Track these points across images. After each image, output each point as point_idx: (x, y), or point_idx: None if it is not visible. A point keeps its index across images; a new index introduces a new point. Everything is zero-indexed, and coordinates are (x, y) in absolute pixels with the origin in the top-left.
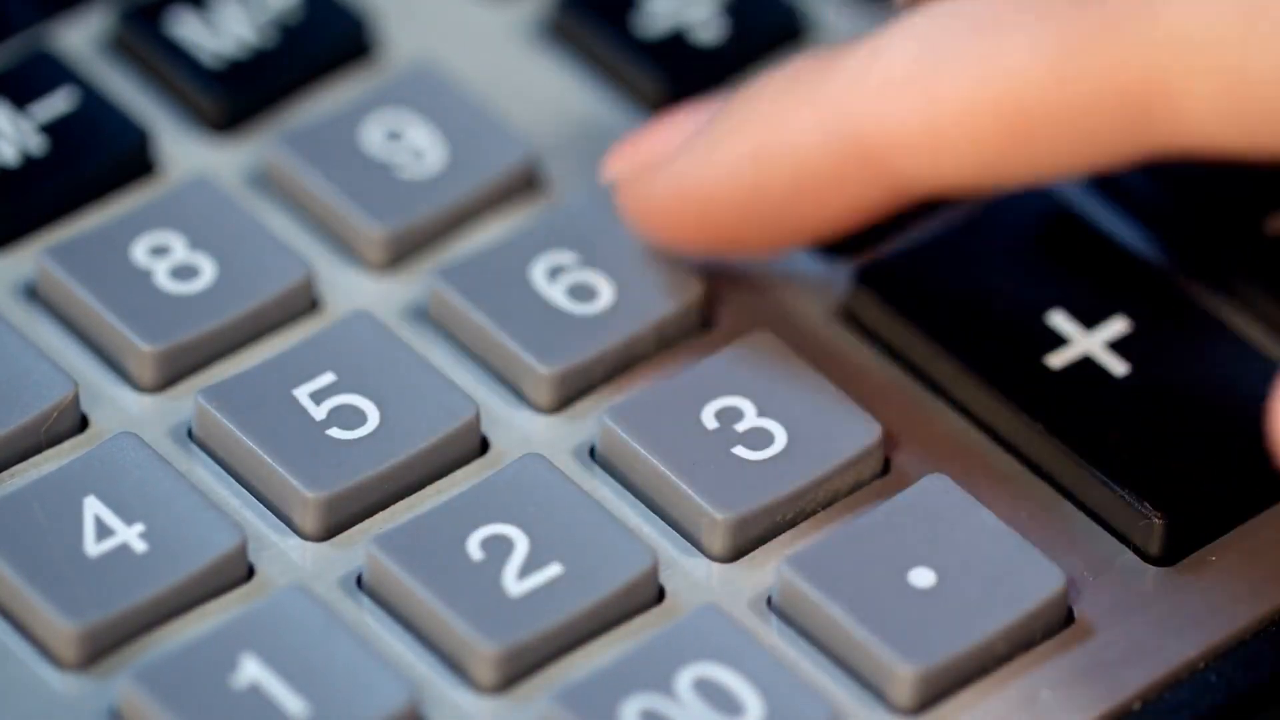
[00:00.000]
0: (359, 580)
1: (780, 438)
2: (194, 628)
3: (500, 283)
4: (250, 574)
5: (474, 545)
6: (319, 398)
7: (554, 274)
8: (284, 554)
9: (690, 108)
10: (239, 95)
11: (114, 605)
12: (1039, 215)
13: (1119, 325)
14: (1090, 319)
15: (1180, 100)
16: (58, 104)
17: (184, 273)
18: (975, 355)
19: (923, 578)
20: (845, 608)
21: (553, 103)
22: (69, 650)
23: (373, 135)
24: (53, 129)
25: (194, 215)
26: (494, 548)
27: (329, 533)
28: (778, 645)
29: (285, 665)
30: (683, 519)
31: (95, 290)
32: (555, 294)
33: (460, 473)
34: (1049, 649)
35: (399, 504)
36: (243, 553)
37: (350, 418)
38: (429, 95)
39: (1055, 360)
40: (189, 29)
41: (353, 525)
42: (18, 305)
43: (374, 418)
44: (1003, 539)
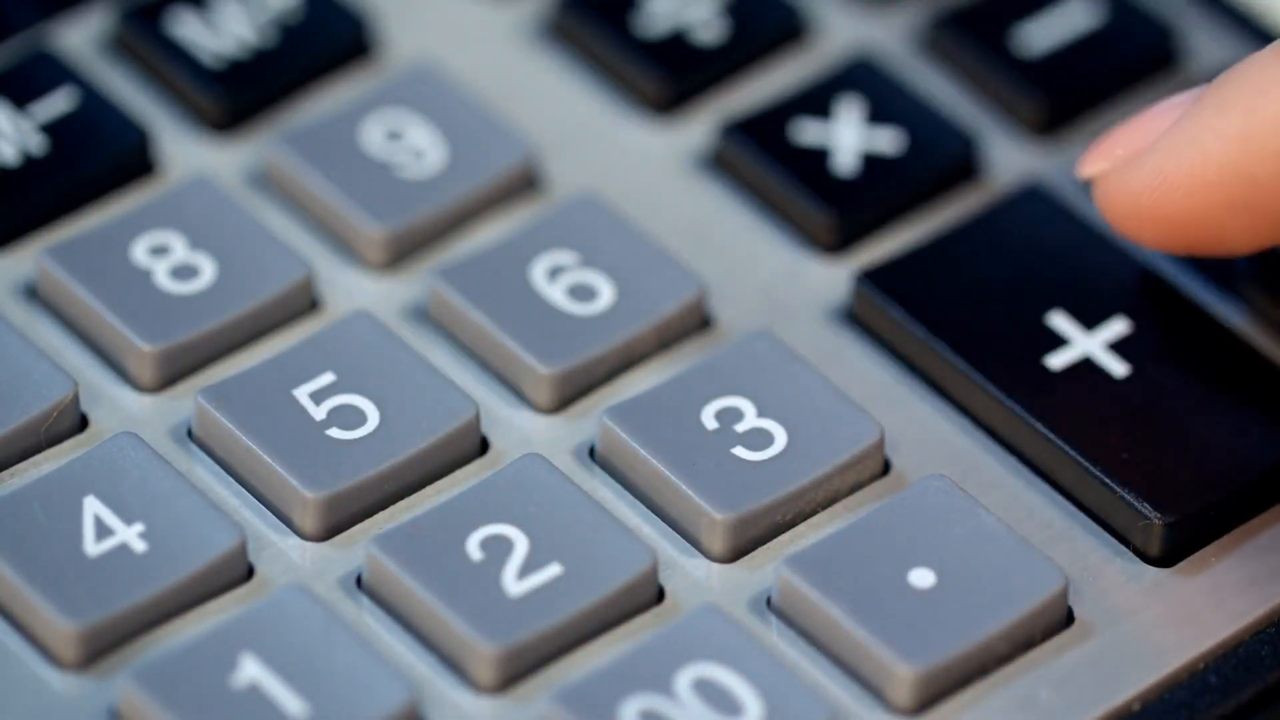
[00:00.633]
0: (359, 580)
1: (780, 438)
2: (194, 628)
3: (500, 283)
4: (250, 574)
5: (474, 545)
6: (319, 398)
7: (554, 274)
8: (284, 554)
9: (1171, 98)
10: (239, 95)
11: (114, 605)
12: (1039, 215)
13: (1119, 326)
14: (1090, 320)
15: None
16: (58, 104)
17: (184, 273)
18: (975, 355)
19: (922, 578)
20: (845, 608)
21: (553, 103)
22: (69, 650)
23: (373, 135)
24: (53, 129)
25: (194, 215)
26: (494, 548)
27: (329, 533)
28: (777, 645)
29: (285, 665)
30: (682, 519)
31: (95, 290)
32: (555, 294)
33: (460, 473)
34: (1048, 649)
35: (399, 504)
36: (242, 552)
37: (350, 418)
38: (429, 95)
39: (1055, 361)
40: (189, 29)
41: (352, 525)
42: (18, 305)
43: (374, 418)
44: (1002, 539)
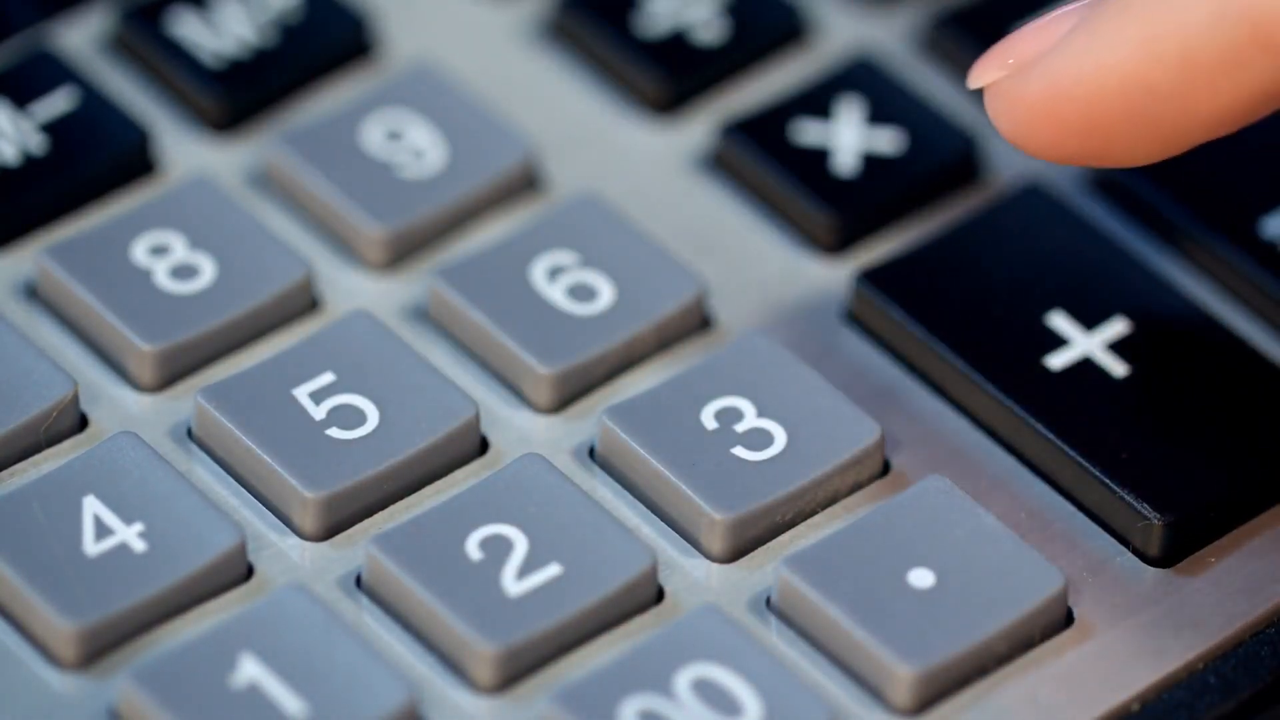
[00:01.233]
0: (358, 580)
1: (780, 438)
2: (193, 627)
3: (500, 283)
4: (249, 574)
5: (473, 545)
6: (318, 397)
7: (554, 274)
8: (283, 554)
9: (1066, 5)
10: (239, 95)
11: (113, 605)
12: (1039, 215)
13: (1119, 326)
14: (1090, 320)
15: None
16: (58, 103)
17: (184, 272)
18: (975, 355)
19: (922, 578)
20: (844, 608)
21: (553, 103)
22: (68, 650)
23: (373, 135)
24: (53, 128)
25: (194, 215)
26: (493, 548)
27: (328, 532)
28: (777, 646)
29: (284, 665)
30: (682, 519)
31: (95, 290)
32: (555, 294)
33: (460, 473)
34: (1048, 650)
35: (398, 504)
36: (242, 552)
37: (350, 417)
38: (429, 95)
39: (1055, 361)
40: (189, 29)
41: (352, 525)
42: (18, 305)
43: (373, 417)
44: (1002, 540)
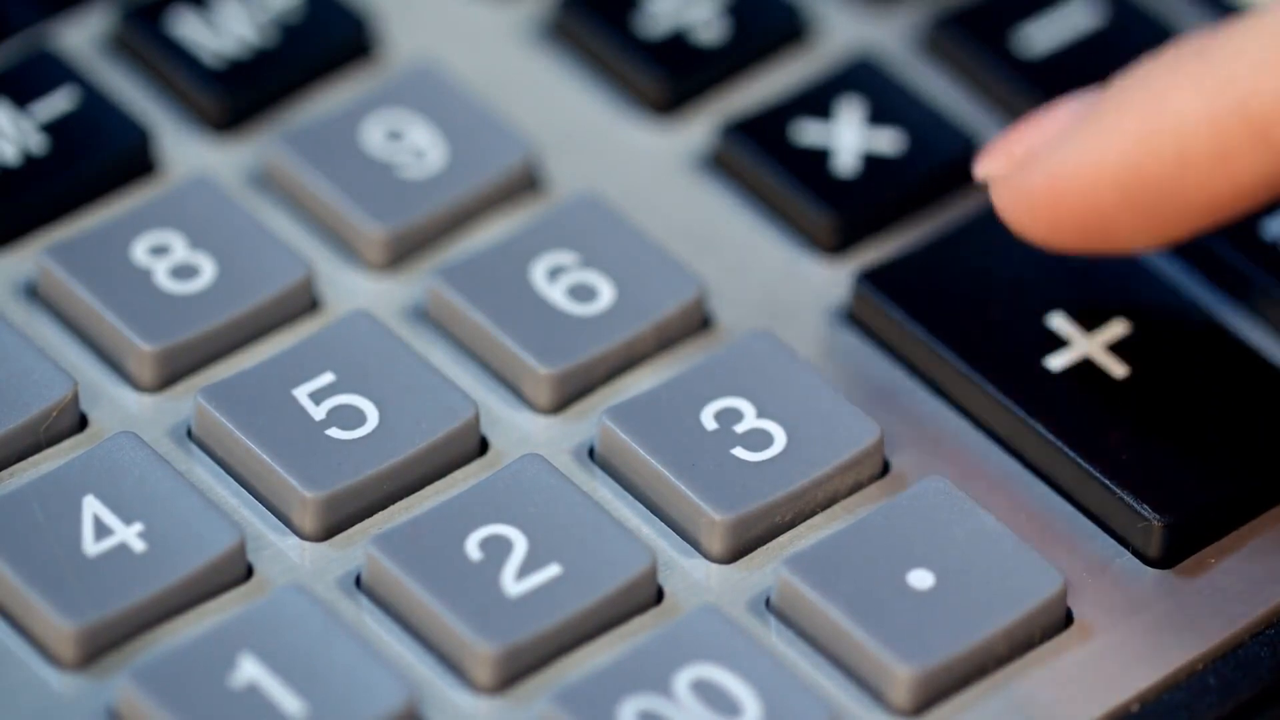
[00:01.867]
0: (358, 580)
1: (780, 438)
2: (192, 627)
3: (500, 283)
4: (249, 574)
5: (473, 545)
6: (318, 397)
7: (554, 274)
8: (283, 554)
9: (1066, 100)
10: (239, 95)
11: (113, 605)
12: None
13: (1119, 327)
14: (1090, 321)
15: None
16: (58, 103)
17: (184, 272)
18: (975, 356)
19: (921, 579)
20: (844, 609)
21: (553, 103)
22: (67, 650)
23: (373, 135)
24: (53, 128)
25: (194, 215)
26: (493, 548)
27: (328, 533)
28: (776, 646)
29: (284, 665)
30: (682, 519)
31: (95, 290)
32: (555, 294)
33: (459, 473)
34: (1047, 651)
35: (398, 504)
36: (241, 552)
37: (349, 418)
38: (429, 95)
39: (1055, 362)
40: (190, 28)
41: (352, 525)
42: (18, 305)
43: (373, 418)
44: (1001, 540)
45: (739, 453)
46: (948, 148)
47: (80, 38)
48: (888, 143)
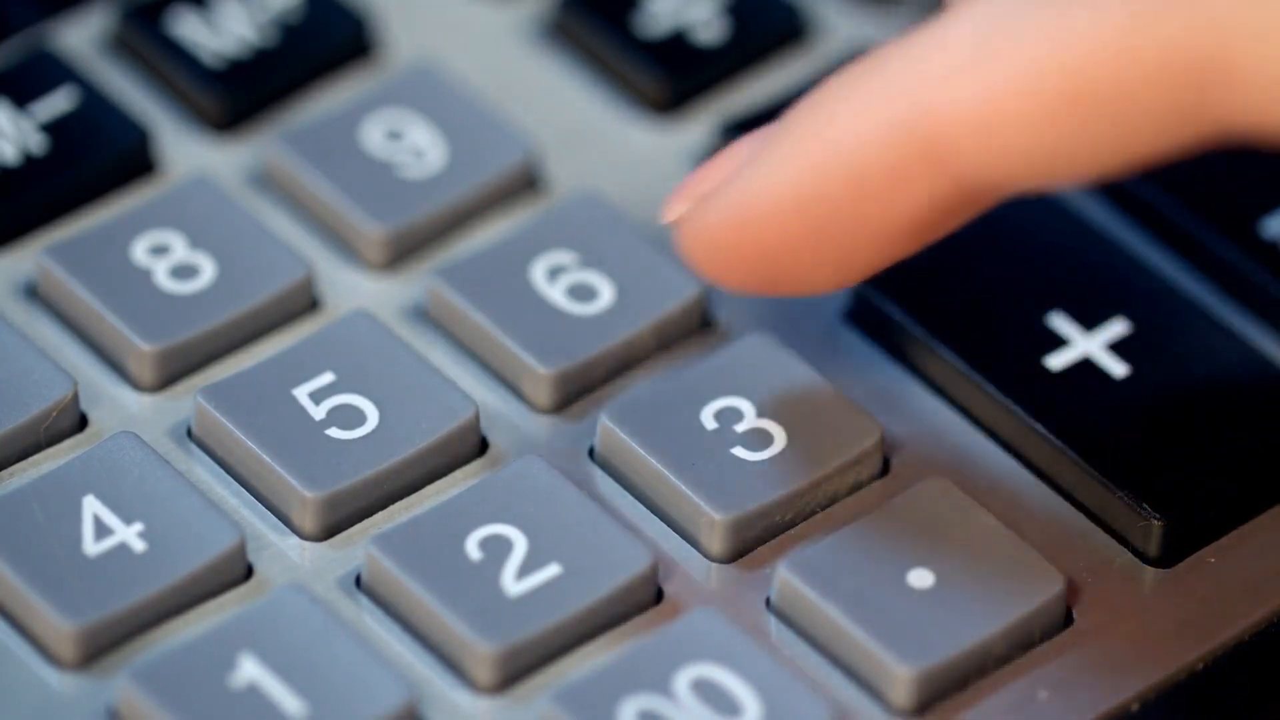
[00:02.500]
0: (358, 580)
1: (779, 438)
2: (192, 627)
3: (500, 283)
4: (249, 574)
5: (473, 545)
6: (318, 397)
7: (554, 274)
8: (283, 554)
9: (747, 136)
10: (239, 95)
11: (112, 604)
12: (1039, 215)
13: (1119, 327)
14: (1090, 320)
15: (1239, 76)
16: (58, 103)
17: (184, 272)
18: (975, 356)
19: (922, 579)
20: (844, 609)
21: (553, 103)
22: (67, 649)
23: (373, 135)
24: (53, 128)
25: (194, 215)
26: (493, 548)
27: (328, 532)
28: (777, 646)
29: (284, 665)
30: (682, 519)
31: (95, 290)
32: (555, 294)
33: (459, 473)
34: (1047, 650)
35: (398, 504)
36: (241, 552)
37: (349, 417)
38: (429, 95)
39: (1055, 362)
40: (189, 28)
41: (352, 525)
42: (18, 305)
43: (373, 417)
44: (1001, 540)
45: (739, 452)
46: None
47: (80, 38)
48: None
